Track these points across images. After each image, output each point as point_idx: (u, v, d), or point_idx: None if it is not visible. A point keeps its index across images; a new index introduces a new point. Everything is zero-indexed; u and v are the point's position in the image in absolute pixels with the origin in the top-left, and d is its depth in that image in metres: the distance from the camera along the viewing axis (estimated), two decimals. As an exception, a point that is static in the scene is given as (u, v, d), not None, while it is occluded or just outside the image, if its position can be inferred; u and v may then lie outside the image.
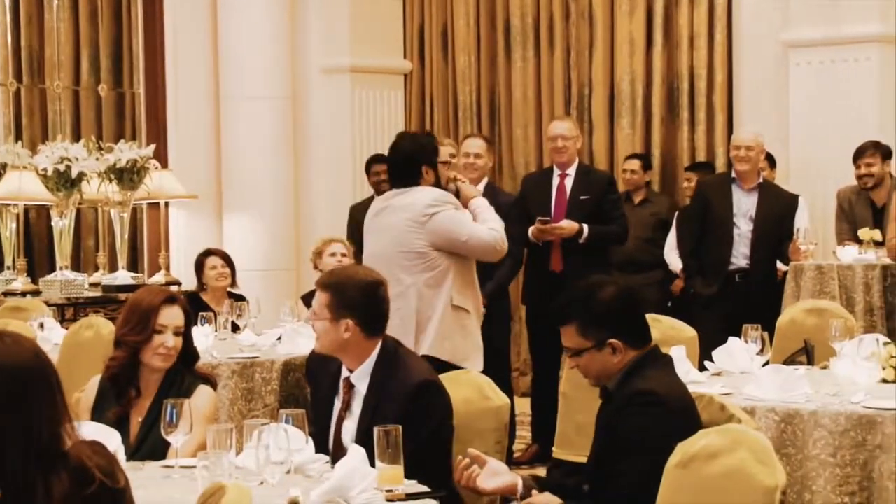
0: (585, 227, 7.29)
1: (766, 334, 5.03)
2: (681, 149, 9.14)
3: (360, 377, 4.07)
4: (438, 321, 5.51)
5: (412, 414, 3.85)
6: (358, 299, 4.05)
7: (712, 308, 7.38)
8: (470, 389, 4.30)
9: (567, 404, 5.81)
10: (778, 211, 7.51)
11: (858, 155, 7.60)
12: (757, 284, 7.43)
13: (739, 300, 7.31)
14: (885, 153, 7.61)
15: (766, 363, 4.92)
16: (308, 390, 5.80)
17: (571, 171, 7.55)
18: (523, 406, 8.19)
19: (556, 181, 7.57)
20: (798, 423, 4.28)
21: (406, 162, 5.66)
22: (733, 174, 7.60)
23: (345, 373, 4.12)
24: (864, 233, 7.26)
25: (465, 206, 5.70)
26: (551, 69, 9.64)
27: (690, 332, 5.79)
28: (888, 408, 4.18)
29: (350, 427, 4.05)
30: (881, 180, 7.55)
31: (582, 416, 5.32)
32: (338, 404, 4.11)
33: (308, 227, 9.61)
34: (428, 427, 3.87)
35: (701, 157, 9.00)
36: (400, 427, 3.35)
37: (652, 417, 3.45)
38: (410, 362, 4.09)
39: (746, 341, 5.02)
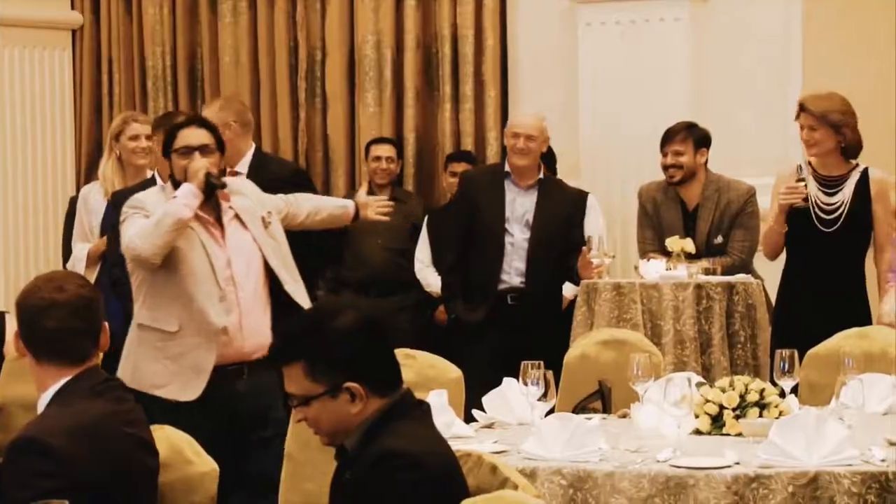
0: None
1: (550, 373, 5.09)
2: (442, 133, 9.24)
3: None
4: (127, 340, 5.92)
5: None
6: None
7: (480, 340, 7.49)
8: (164, 449, 4.21)
9: (293, 469, 5.79)
10: (563, 214, 7.66)
11: (666, 140, 7.62)
12: (536, 309, 7.56)
13: (514, 329, 7.43)
14: (700, 140, 7.61)
15: (551, 411, 5.00)
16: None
17: (242, 167, 7.28)
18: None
19: None
20: (590, 489, 4.37)
21: None
22: (507, 167, 7.72)
23: None
24: (673, 242, 7.37)
25: None
26: (271, 26, 9.62)
27: (454, 371, 5.84)
28: (702, 466, 4.32)
29: None
30: (692, 174, 7.58)
31: (312, 484, 5.32)
32: None
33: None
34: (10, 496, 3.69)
35: (468, 144, 9.11)
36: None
37: (404, 485, 3.46)
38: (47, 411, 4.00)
39: (525, 383, 5.08)
